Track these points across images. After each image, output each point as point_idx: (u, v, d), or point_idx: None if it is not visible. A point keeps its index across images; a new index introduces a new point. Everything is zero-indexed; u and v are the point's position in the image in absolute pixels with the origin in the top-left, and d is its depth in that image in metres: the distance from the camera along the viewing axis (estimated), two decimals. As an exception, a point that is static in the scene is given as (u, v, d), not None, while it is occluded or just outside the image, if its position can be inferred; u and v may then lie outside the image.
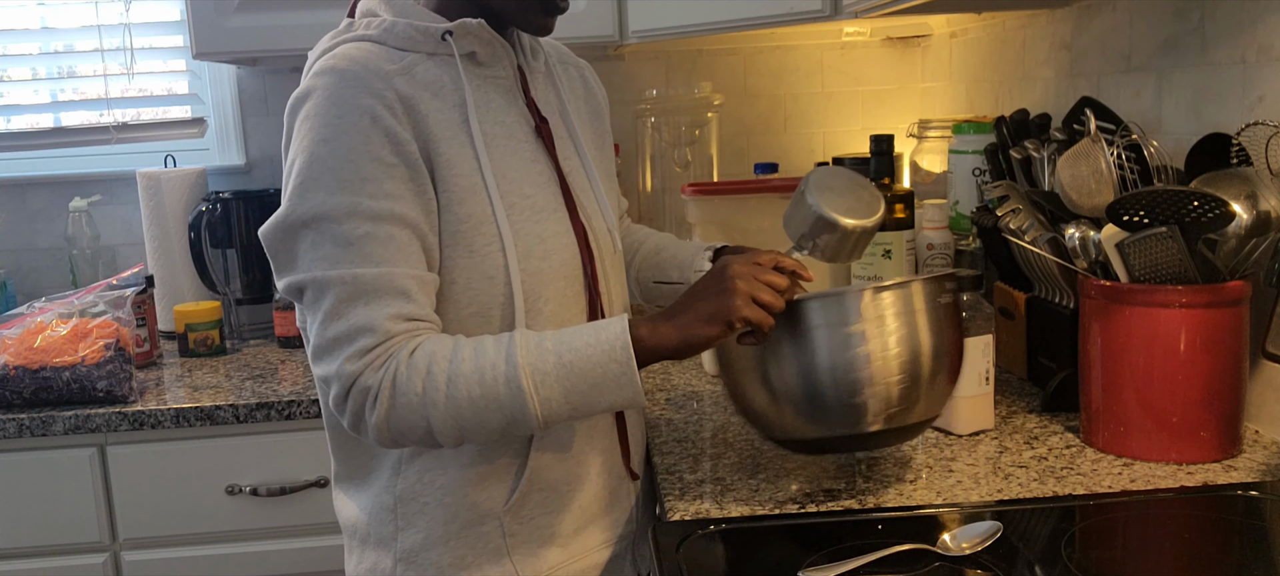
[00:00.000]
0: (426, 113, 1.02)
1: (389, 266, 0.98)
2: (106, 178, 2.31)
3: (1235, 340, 1.20)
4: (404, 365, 0.97)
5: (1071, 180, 1.32)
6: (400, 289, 0.98)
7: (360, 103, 0.99)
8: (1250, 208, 1.18)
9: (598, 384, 0.99)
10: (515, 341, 0.99)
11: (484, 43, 1.09)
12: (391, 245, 0.98)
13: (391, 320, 0.98)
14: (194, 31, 1.92)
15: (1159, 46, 1.45)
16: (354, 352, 0.97)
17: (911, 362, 1.08)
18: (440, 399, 0.97)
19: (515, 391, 0.98)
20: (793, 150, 2.41)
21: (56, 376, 1.69)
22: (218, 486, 1.73)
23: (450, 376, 0.97)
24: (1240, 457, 1.23)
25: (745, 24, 1.82)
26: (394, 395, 0.97)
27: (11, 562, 1.73)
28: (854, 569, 0.96)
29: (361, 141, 0.98)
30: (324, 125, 0.98)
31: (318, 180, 0.98)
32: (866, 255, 1.68)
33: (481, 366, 0.97)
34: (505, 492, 1.11)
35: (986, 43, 2.04)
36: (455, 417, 0.98)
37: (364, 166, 0.98)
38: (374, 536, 1.13)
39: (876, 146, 1.66)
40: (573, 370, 0.98)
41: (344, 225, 0.98)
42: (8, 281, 2.23)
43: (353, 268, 0.97)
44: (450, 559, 1.11)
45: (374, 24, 1.06)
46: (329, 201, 0.98)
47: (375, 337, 0.97)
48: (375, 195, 0.98)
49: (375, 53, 1.03)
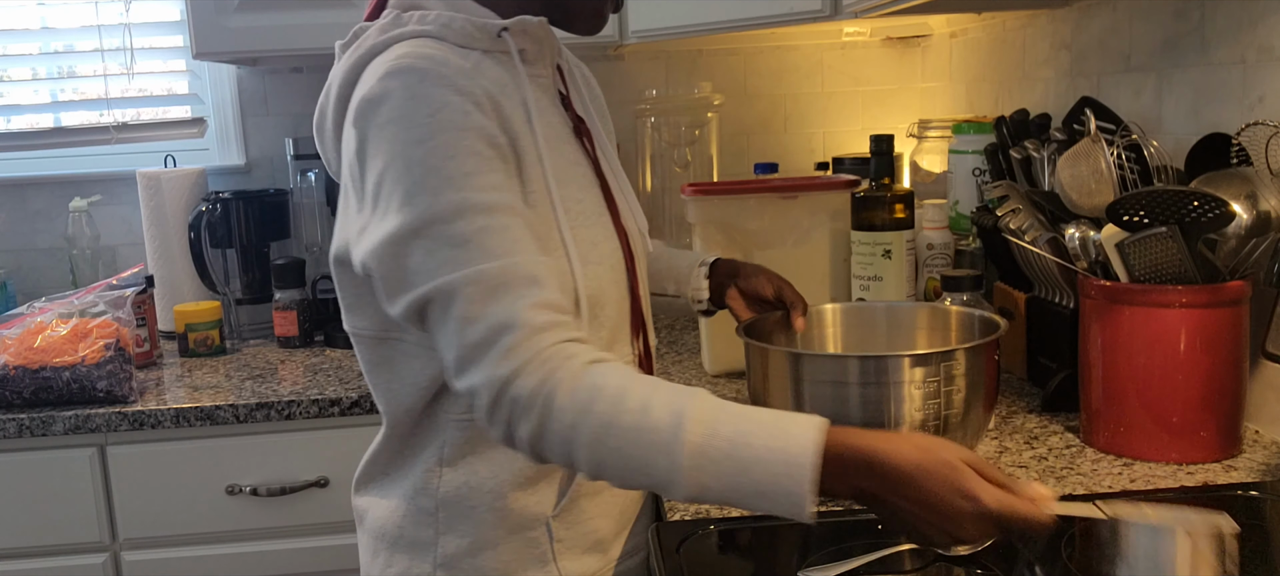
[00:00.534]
0: (507, 113, 0.98)
1: (511, 256, 0.91)
2: (106, 178, 2.31)
3: (1235, 340, 1.20)
4: (566, 392, 0.87)
5: (1071, 180, 1.32)
6: (529, 276, 0.91)
7: (450, 99, 0.93)
8: (1250, 208, 1.18)
9: (764, 492, 0.85)
10: (689, 412, 0.86)
11: (535, 40, 1.06)
12: (508, 235, 0.92)
13: (530, 309, 0.89)
14: (194, 31, 1.92)
15: (1159, 46, 1.45)
16: (500, 353, 0.88)
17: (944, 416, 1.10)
18: (589, 438, 0.87)
19: (672, 466, 0.85)
20: (793, 150, 2.41)
21: (56, 376, 1.69)
22: (218, 486, 1.73)
23: (608, 422, 0.86)
24: (1240, 457, 1.23)
25: (745, 24, 1.82)
26: (547, 418, 0.88)
27: (11, 562, 1.73)
28: (854, 569, 0.96)
29: (458, 137, 0.92)
30: (415, 125, 0.92)
31: (420, 184, 0.90)
32: (866, 255, 1.68)
33: (643, 426, 0.86)
34: (555, 497, 1.08)
35: (986, 43, 2.04)
36: (598, 463, 0.88)
37: (465, 161, 0.92)
38: (407, 539, 1.08)
39: (876, 146, 1.66)
40: (742, 467, 0.85)
41: (456, 224, 0.90)
42: (8, 281, 2.23)
43: (476, 265, 0.90)
44: (496, 565, 1.06)
45: (429, 18, 1.00)
46: (436, 203, 0.90)
47: (519, 332, 0.88)
48: (482, 188, 0.92)
49: (446, 50, 0.97)
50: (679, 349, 1.90)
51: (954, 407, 1.10)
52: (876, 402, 1.08)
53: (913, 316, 1.32)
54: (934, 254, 1.80)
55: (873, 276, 1.67)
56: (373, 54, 0.99)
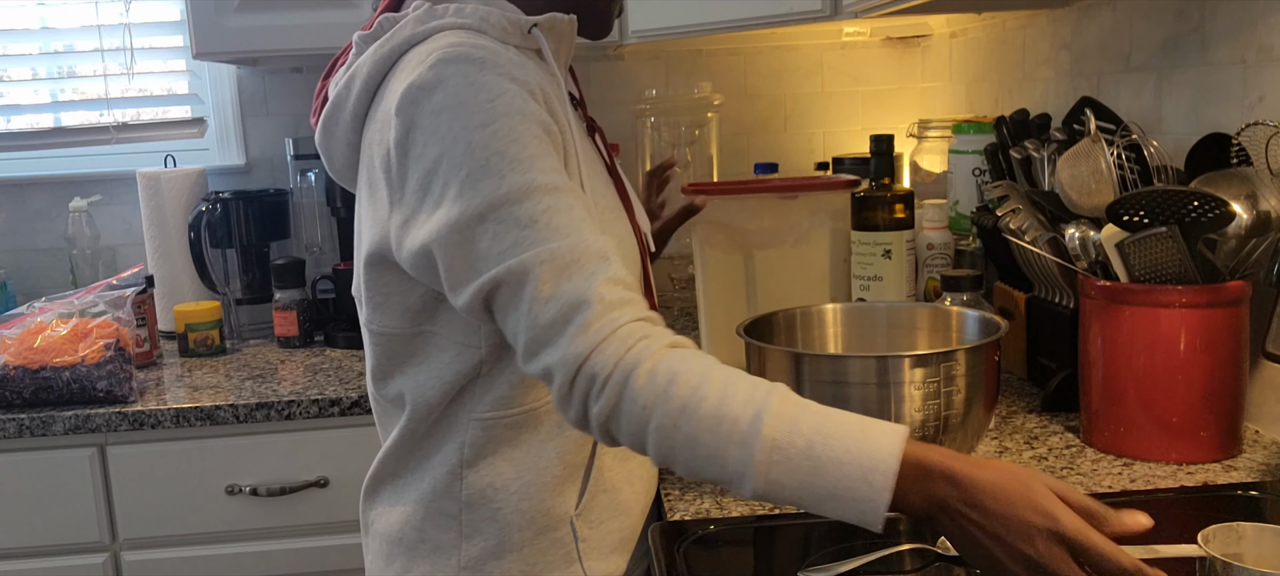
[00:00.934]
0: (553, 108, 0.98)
1: (579, 235, 0.90)
2: (106, 178, 2.31)
3: (1235, 340, 1.20)
4: (645, 373, 0.85)
5: (1071, 180, 1.32)
6: (599, 252, 0.90)
7: (509, 88, 0.92)
8: (1250, 208, 1.18)
9: (837, 495, 0.82)
10: (770, 406, 0.84)
11: (560, 38, 1.06)
12: (573, 214, 0.91)
13: (604, 284, 0.88)
14: (194, 31, 1.92)
15: (1159, 46, 1.45)
16: (577, 330, 0.86)
17: (944, 416, 1.10)
18: (666, 422, 0.85)
19: (745, 459, 0.83)
20: (793, 150, 2.41)
21: (56, 376, 1.69)
22: (218, 486, 1.73)
23: (684, 408, 0.84)
24: (1240, 457, 1.23)
25: (745, 24, 1.82)
26: (622, 397, 0.86)
27: (11, 562, 1.73)
28: (854, 569, 0.96)
29: (521, 121, 0.92)
30: (475, 110, 0.91)
31: (485, 166, 0.90)
32: (866, 255, 1.68)
33: (722, 414, 0.84)
34: (576, 495, 1.07)
35: (986, 43, 2.04)
36: (669, 449, 0.86)
37: (529, 144, 0.91)
38: (428, 544, 1.06)
39: (876, 146, 1.66)
40: (818, 469, 0.82)
41: (524, 204, 0.89)
42: (8, 281, 2.23)
43: (547, 244, 0.88)
44: (522, 567, 1.05)
45: (466, 12, 1.00)
46: (504, 185, 0.89)
47: (594, 308, 0.86)
48: (546, 170, 0.91)
49: (491, 43, 0.97)
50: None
51: (954, 408, 1.10)
52: (877, 403, 1.08)
53: (913, 316, 1.32)
54: (934, 254, 1.80)
55: (873, 276, 1.67)
56: (410, 44, 0.98)
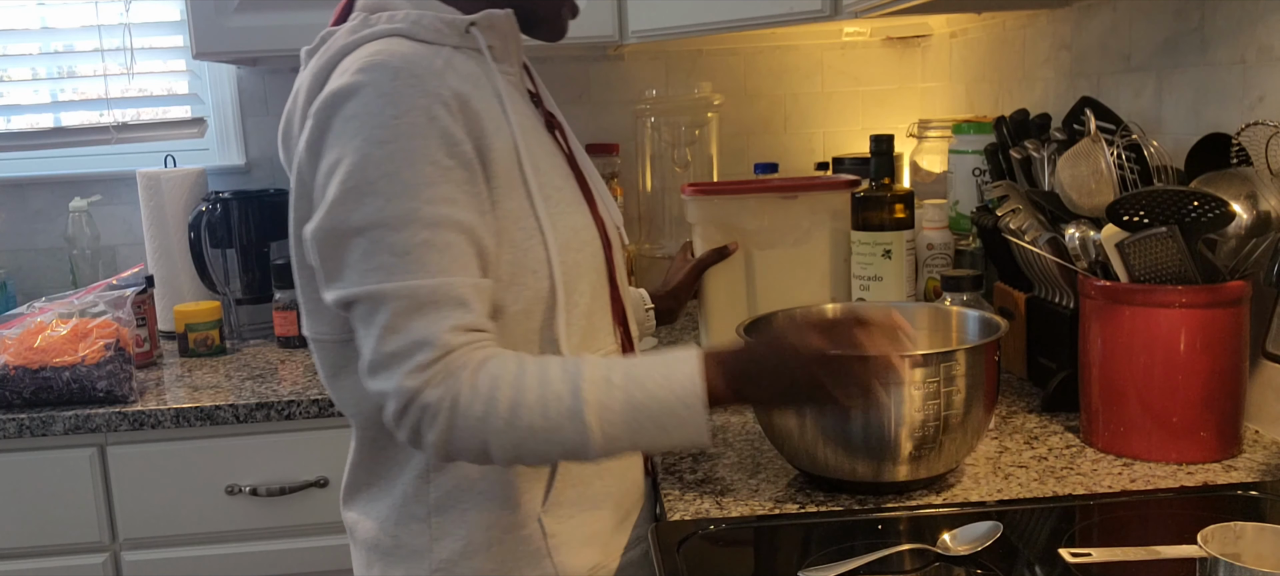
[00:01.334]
0: (478, 109, 0.99)
1: (446, 276, 0.94)
2: (106, 178, 2.31)
3: (1235, 340, 1.20)
4: (467, 387, 0.93)
5: (1071, 180, 1.32)
6: (458, 299, 0.94)
7: (417, 102, 0.94)
8: (1250, 208, 1.18)
9: (664, 426, 0.94)
10: (583, 374, 0.94)
11: (503, 36, 1.07)
12: (449, 253, 0.95)
13: (450, 332, 0.93)
14: (194, 31, 1.92)
15: (1159, 46, 1.45)
16: (413, 367, 0.93)
17: (944, 416, 1.10)
18: (501, 425, 0.93)
19: (579, 427, 0.93)
20: (793, 150, 2.41)
21: (56, 376, 1.69)
22: (218, 486, 1.73)
23: (514, 404, 0.93)
24: (1240, 457, 1.23)
25: (745, 24, 1.82)
26: (454, 416, 0.93)
27: (11, 562, 1.73)
28: (854, 569, 0.96)
29: (420, 143, 0.94)
30: (379, 125, 0.94)
31: (373, 184, 0.93)
32: (866, 255, 1.68)
33: (546, 398, 0.93)
34: (542, 491, 1.08)
35: (986, 43, 2.04)
36: (514, 444, 0.94)
37: (422, 170, 0.94)
38: (403, 548, 1.08)
39: (877, 146, 1.66)
40: (641, 410, 0.94)
41: (401, 233, 0.93)
42: (8, 281, 2.23)
43: (410, 279, 0.93)
44: (492, 566, 1.07)
45: (398, 17, 1.02)
46: (387, 208, 0.93)
47: (434, 351, 0.93)
48: (432, 200, 0.94)
49: (419, 49, 0.99)
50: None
51: (954, 408, 1.10)
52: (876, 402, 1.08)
53: (913, 316, 1.32)
54: (934, 254, 1.80)
55: (873, 276, 1.67)
56: (342, 54, 1.00)
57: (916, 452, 1.10)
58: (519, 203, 1.02)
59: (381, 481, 1.10)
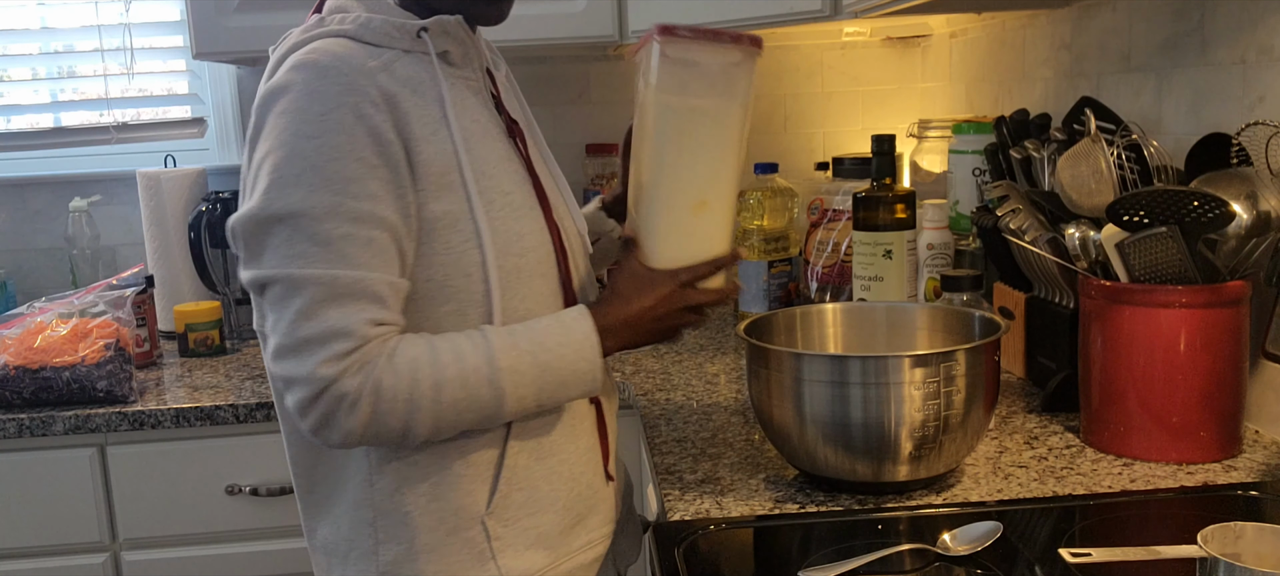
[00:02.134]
0: (408, 110, 1.01)
1: (366, 271, 0.97)
2: (106, 178, 2.31)
3: (1235, 340, 1.20)
4: (387, 372, 0.97)
5: (1071, 180, 1.32)
6: (376, 294, 0.97)
7: (345, 99, 0.97)
8: (1250, 208, 1.19)
9: (566, 381, 1.05)
10: (493, 344, 1.01)
11: (458, 42, 1.08)
12: (371, 248, 0.97)
13: (367, 325, 0.96)
14: (194, 31, 1.92)
15: (1159, 46, 1.45)
16: (329, 356, 0.95)
17: (944, 416, 1.10)
18: (426, 403, 0.99)
19: (496, 393, 1.01)
20: (793, 150, 2.41)
21: (57, 376, 1.69)
22: (218, 486, 1.73)
23: (436, 382, 0.98)
24: (1240, 457, 1.23)
25: (745, 24, 1.82)
26: (378, 402, 0.97)
27: (11, 562, 1.73)
28: (854, 569, 0.96)
29: (346, 139, 0.97)
30: (307, 121, 0.97)
31: (299, 176, 0.96)
32: (867, 255, 1.67)
33: (464, 371, 1.00)
34: (486, 494, 1.09)
35: (986, 43, 2.04)
36: (437, 419, 1.00)
37: (348, 165, 0.96)
38: (355, 552, 1.10)
39: (878, 146, 1.66)
40: (547, 369, 1.03)
41: (324, 224, 0.96)
42: (8, 281, 2.23)
43: (330, 269, 0.96)
44: (436, 568, 1.08)
45: (348, 20, 1.05)
46: (310, 199, 0.96)
47: (352, 342, 0.96)
48: (358, 195, 0.97)
49: (354, 49, 1.02)
50: (679, 348, 1.90)
51: (954, 408, 1.10)
52: (876, 402, 1.08)
53: (913, 316, 1.32)
54: (934, 254, 1.80)
55: (873, 276, 1.68)
56: (289, 53, 1.03)
57: (916, 452, 1.10)
58: (457, 204, 1.03)
59: (327, 483, 1.12)
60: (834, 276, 1.93)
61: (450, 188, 1.03)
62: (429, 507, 1.08)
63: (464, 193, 1.04)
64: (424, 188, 1.02)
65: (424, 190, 1.02)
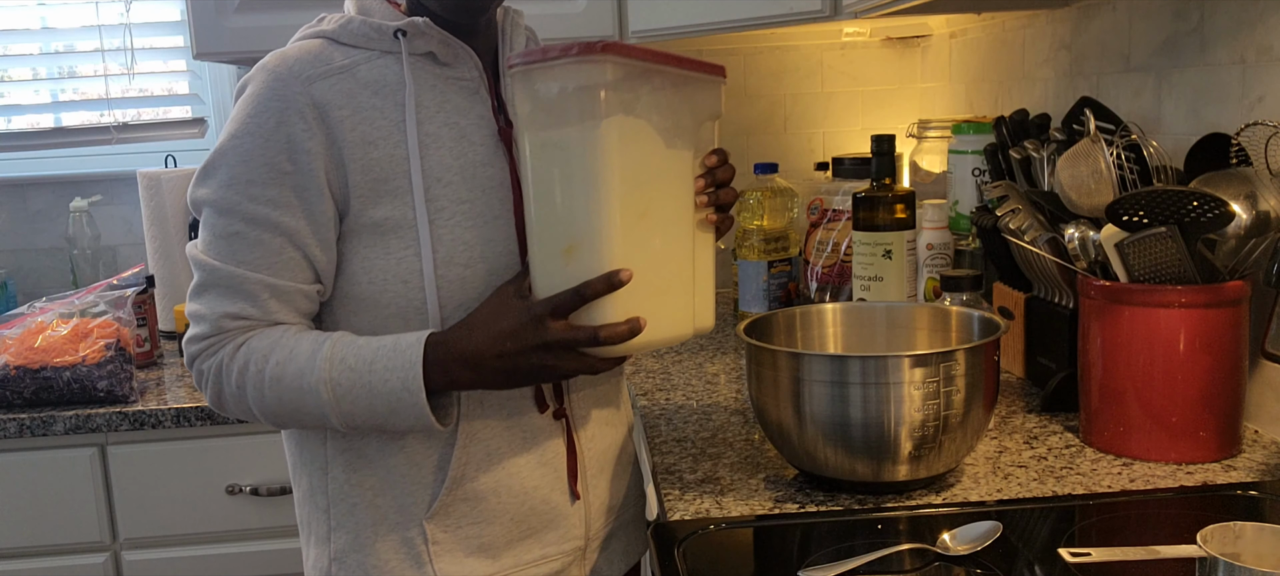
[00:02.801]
0: (344, 118, 1.03)
1: (245, 269, 1.03)
2: (107, 178, 2.31)
3: (1235, 340, 1.20)
4: (228, 360, 1.04)
5: (1071, 180, 1.32)
6: (247, 292, 1.04)
7: (271, 105, 1.02)
8: (1250, 208, 1.19)
9: (395, 409, 1.03)
10: (322, 352, 1.03)
11: (440, 42, 1.08)
12: (258, 249, 1.03)
13: (225, 318, 1.04)
14: (194, 31, 1.92)
15: (1159, 46, 1.45)
16: (194, 336, 1.06)
17: (944, 416, 1.10)
18: (256, 394, 1.04)
19: (318, 401, 1.03)
20: (793, 150, 2.41)
21: (57, 376, 1.69)
22: (218, 486, 1.73)
23: (264, 376, 1.03)
24: (1240, 457, 1.23)
25: (745, 24, 1.82)
26: (218, 386, 1.06)
27: (11, 562, 1.73)
28: (854, 569, 0.96)
29: (261, 144, 1.02)
30: (240, 120, 1.04)
31: (216, 168, 1.04)
32: (867, 255, 1.68)
33: (287, 374, 1.03)
34: (427, 498, 1.10)
35: (986, 43, 2.04)
36: (276, 410, 1.05)
37: (254, 169, 1.02)
38: (314, 536, 1.15)
39: (878, 146, 1.66)
40: (372, 392, 1.02)
41: (223, 217, 1.04)
42: (8, 281, 2.23)
43: (214, 259, 1.04)
44: (375, 563, 1.10)
45: (334, 20, 1.08)
46: (218, 192, 1.04)
47: (208, 328, 1.05)
48: (257, 199, 1.03)
49: (317, 50, 1.06)
50: (679, 348, 1.91)
51: (954, 408, 1.10)
52: (876, 402, 1.09)
53: (913, 316, 1.32)
54: (934, 254, 1.80)
55: (873, 276, 1.68)
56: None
57: (916, 452, 1.11)
58: (400, 210, 1.05)
59: (303, 471, 1.16)
60: (834, 276, 1.93)
61: (396, 193, 1.04)
62: (375, 502, 1.11)
63: (409, 199, 1.05)
64: (362, 194, 1.04)
65: (362, 196, 1.04)
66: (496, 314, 1.02)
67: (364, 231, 1.05)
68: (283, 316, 1.06)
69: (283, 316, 1.06)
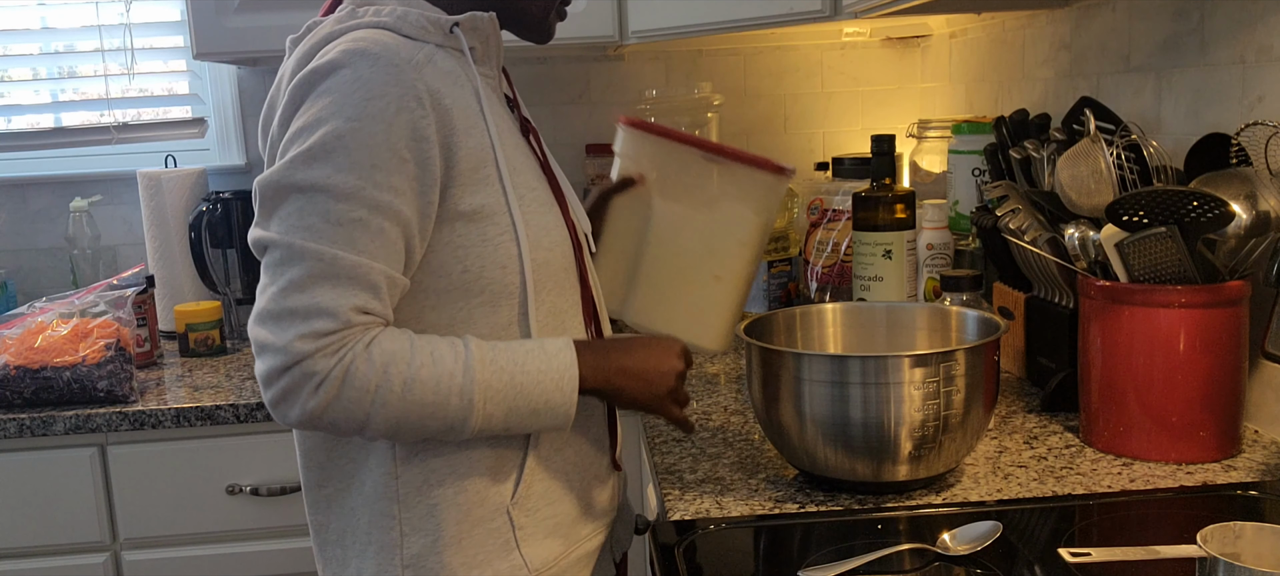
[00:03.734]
0: (450, 105, 1.02)
1: (369, 259, 0.97)
2: (107, 178, 2.31)
3: (1235, 340, 1.20)
4: (361, 359, 0.96)
5: (1071, 180, 1.32)
6: (372, 283, 0.97)
7: (390, 91, 0.97)
8: (1249, 208, 1.19)
9: (538, 410, 1.02)
10: (473, 354, 1.00)
11: (485, 38, 1.09)
12: (380, 239, 0.97)
13: (354, 311, 0.96)
14: (194, 31, 1.92)
15: (1158, 46, 1.45)
16: (309, 332, 0.95)
17: (944, 416, 1.10)
18: (393, 399, 0.97)
19: (466, 404, 0.99)
20: (793, 150, 2.41)
21: (57, 376, 1.69)
22: (218, 486, 1.73)
23: (407, 379, 0.97)
24: (1240, 457, 1.23)
25: (745, 24, 1.82)
26: (344, 387, 0.96)
27: (11, 562, 1.73)
28: (854, 569, 0.96)
29: (384, 129, 0.97)
30: (351, 105, 0.97)
31: (331, 153, 0.96)
32: (867, 255, 1.68)
33: (439, 374, 0.98)
34: (511, 485, 1.10)
35: (986, 43, 2.04)
36: (400, 418, 0.99)
37: (379, 154, 0.97)
38: (375, 544, 1.09)
39: (877, 147, 1.66)
40: (521, 392, 1.01)
41: (341, 204, 0.96)
42: (8, 281, 2.23)
43: (334, 248, 0.96)
44: (461, 558, 1.08)
45: (384, 12, 1.05)
46: (334, 177, 0.96)
47: (334, 323, 0.95)
48: (381, 186, 0.97)
49: (399, 42, 1.02)
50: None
51: (954, 408, 1.10)
52: (876, 402, 1.09)
53: (913, 316, 1.32)
54: (934, 254, 1.80)
55: (873, 276, 1.68)
56: (327, 40, 1.03)
57: (916, 452, 1.11)
58: (494, 198, 1.04)
59: (342, 476, 1.11)
60: (834, 276, 1.93)
61: (486, 182, 1.04)
62: (455, 499, 1.07)
63: (500, 187, 1.04)
64: (462, 182, 1.02)
65: (462, 184, 1.02)
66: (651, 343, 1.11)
67: (458, 220, 1.03)
68: (391, 313, 1.01)
69: (391, 313, 1.01)
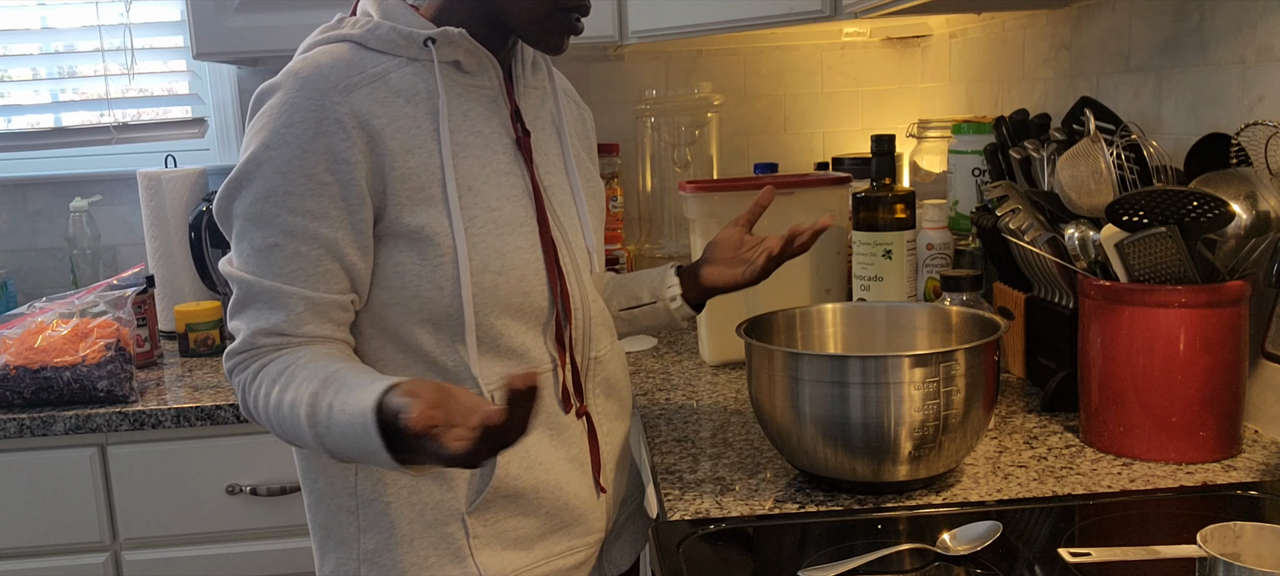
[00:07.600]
0: (384, 126, 1.02)
1: (281, 283, 1.02)
2: (107, 178, 2.31)
3: (1235, 340, 1.20)
4: (252, 380, 1.04)
5: (1071, 180, 1.32)
6: (283, 306, 1.02)
7: (309, 115, 1.00)
8: (1249, 208, 1.19)
9: (363, 448, 0.93)
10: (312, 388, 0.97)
11: (467, 52, 1.09)
12: (296, 262, 1.02)
13: (259, 334, 1.03)
14: (194, 31, 1.92)
15: (1158, 46, 1.45)
16: (230, 349, 1.06)
17: (944, 416, 1.10)
18: (274, 418, 1.02)
19: (313, 437, 0.98)
20: (793, 150, 2.41)
21: (57, 376, 1.69)
22: (218, 486, 1.73)
23: (276, 403, 1.01)
24: (1240, 457, 1.23)
25: (745, 24, 1.82)
26: (245, 402, 1.05)
27: (11, 562, 1.73)
28: (854, 569, 0.96)
29: (298, 155, 1.00)
30: (273, 129, 1.01)
31: (251, 179, 1.01)
32: (867, 255, 1.68)
33: (283, 405, 1.00)
34: (469, 494, 1.10)
35: (986, 43, 2.04)
36: (281, 434, 1.03)
37: (293, 181, 1.00)
38: (335, 537, 1.13)
39: (878, 146, 1.66)
40: (345, 436, 0.94)
41: (260, 231, 1.02)
42: (8, 281, 2.23)
43: (251, 274, 1.03)
44: (413, 559, 1.10)
45: (358, 24, 1.07)
46: (253, 205, 1.01)
47: (241, 344, 1.04)
48: (295, 211, 1.01)
49: (348, 56, 1.04)
50: (679, 348, 1.91)
51: (954, 408, 1.10)
52: (876, 402, 1.09)
53: (913, 316, 1.32)
54: (934, 254, 1.80)
55: (873, 276, 1.68)
56: (302, 53, 1.06)
57: (916, 452, 1.11)
58: (435, 218, 1.05)
59: (320, 471, 1.14)
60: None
61: (430, 201, 1.04)
62: (409, 500, 1.10)
63: (444, 207, 1.05)
64: (400, 201, 1.04)
65: (400, 204, 1.04)
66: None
67: (399, 238, 1.05)
68: (317, 330, 1.04)
69: (317, 330, 1.04)
